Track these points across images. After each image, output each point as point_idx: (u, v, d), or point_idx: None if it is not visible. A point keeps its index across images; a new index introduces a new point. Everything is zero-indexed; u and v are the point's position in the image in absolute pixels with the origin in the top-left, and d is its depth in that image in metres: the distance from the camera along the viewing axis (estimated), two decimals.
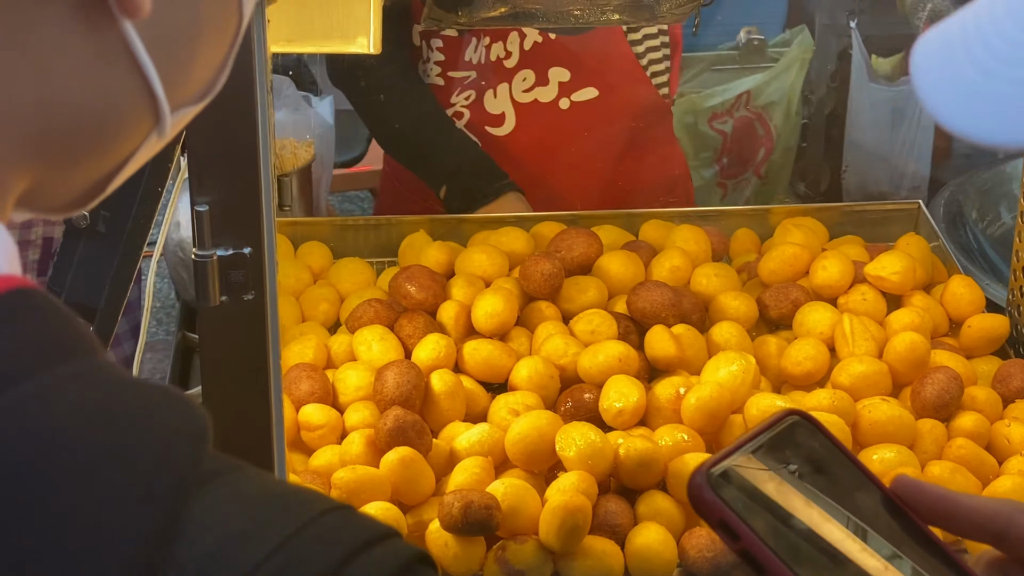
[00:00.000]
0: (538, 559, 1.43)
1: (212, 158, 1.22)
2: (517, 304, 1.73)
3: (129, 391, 0.59)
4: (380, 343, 1.68)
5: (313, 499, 0.62)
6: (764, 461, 0.74)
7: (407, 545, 0.63)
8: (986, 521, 0.75)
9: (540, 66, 2.12)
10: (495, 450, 1.54)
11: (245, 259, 1.24)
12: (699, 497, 0.72)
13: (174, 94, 0.63)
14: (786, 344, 1.72)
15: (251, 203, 1.24)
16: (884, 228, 2.01)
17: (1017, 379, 1.67)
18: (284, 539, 0.59)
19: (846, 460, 0.76)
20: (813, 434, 0.76)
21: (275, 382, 1.30)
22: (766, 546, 0.70)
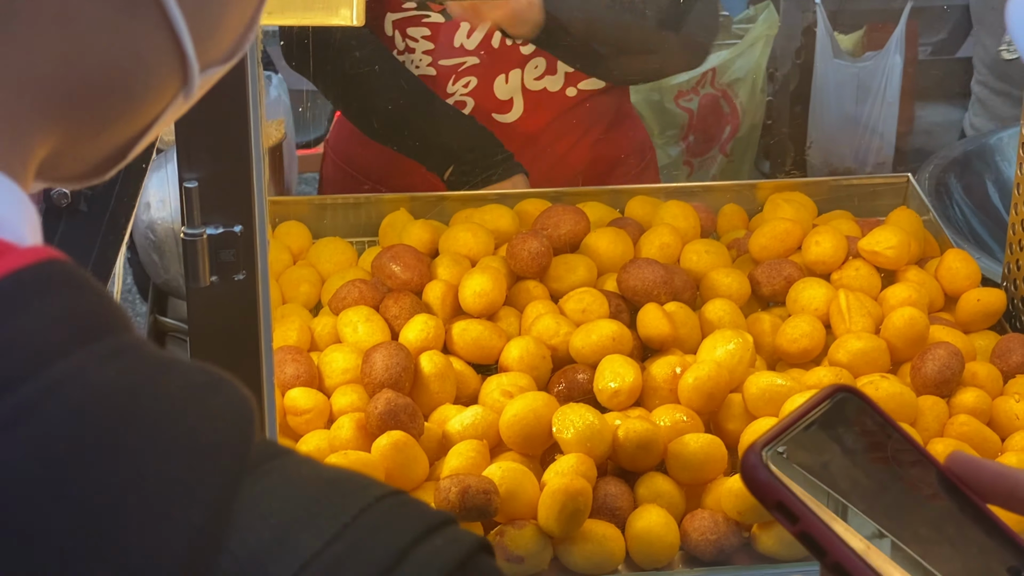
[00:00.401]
0: (537, 544, 1.39)
1: (201, 132, 1.18)
2: (505, 283, 1.69)
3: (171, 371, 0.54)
4: (366, 324, 1.63)
5: (367, 484, 0.58)
6: (816, 439, 0.71)
7: (467, 532, 0.59)
8: None
9: (550, 55, 2.07)
10: (489, 433, 1.50)
11: (236, 237, 1.20)
12: (754, 478, 0.69)
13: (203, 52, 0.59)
14: (780, 321, 1.69)
15: (242, 179, 1.19)
16: (871, 202, 1.98)
17: (1017, 354, 1.64)
18: (341, 527, 0.55)
19: (899, 436, 0.73)
20: (864, 410, 0.73)
21: (267, 365, 1.25)
22: (826, 527, 0.67)
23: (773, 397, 1.51)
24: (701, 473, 1.46)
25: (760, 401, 1.52)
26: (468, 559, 0.58)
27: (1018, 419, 1.55)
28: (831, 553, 0.67)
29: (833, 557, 0.67)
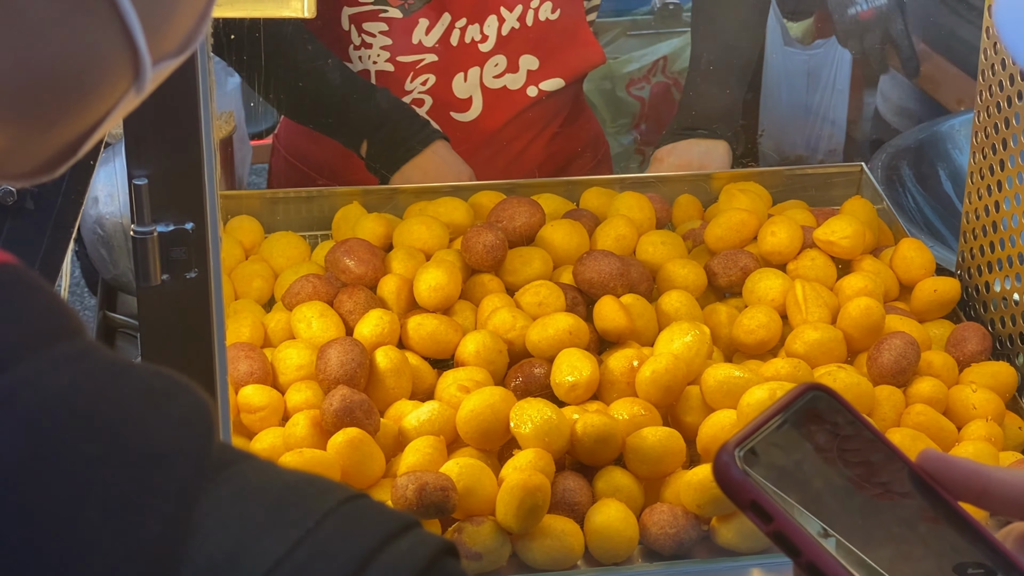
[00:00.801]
0: (496, 541, 1.38)
1: (150, 128, 1.15)
2: (460, 277, 1.67)
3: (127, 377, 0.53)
4: (320, 320, 1.61)
5: (329, 488, 0.57)
6: (788, 438, 0.70)
7: (431, 535, 0.59)
8: (1018, 495, 0.72)
9: (513, 52, 2.05)
10: (446, 429, 1.48)
11: (187, 235, 1.18)
12: (727, 477, 0.68)
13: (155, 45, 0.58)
14: (736, 312, 1.68)
15: (193, 176, 1.17)
16: (825, 192, 1.98)
17: (972, 342, 1.65)
18: (304, 532, 0.54)
19: (870, 435, 0.72)
20: (835, 408, 0.73)
21: (220, 364, 1.23)
22: (800, 527, 0.67)
23: (731, 389, 1.50)
24: (660, 466, 1.45)
25: (718, 393, 1.51)
26: (433, 562, 0.57)
27: (974, 408, 1.56)
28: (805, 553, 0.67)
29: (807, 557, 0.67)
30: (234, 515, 0.53)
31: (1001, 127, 1.68)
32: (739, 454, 0.68)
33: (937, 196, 2.10)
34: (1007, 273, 1.68)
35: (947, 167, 2.15)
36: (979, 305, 1.76)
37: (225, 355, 1.23)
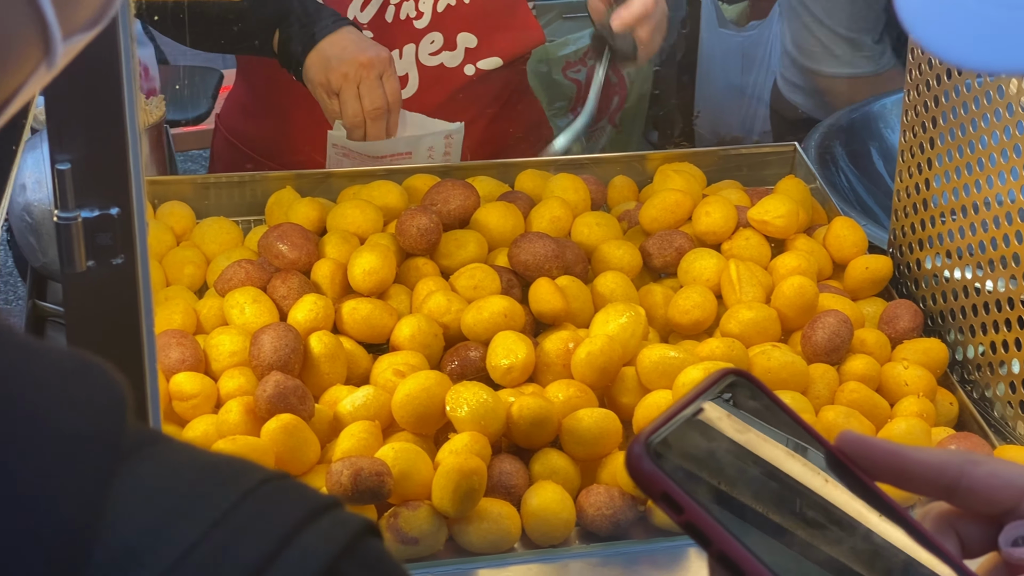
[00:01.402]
0: (432, 525, 1.37)
1: (72, 111, 1.14)
2: (395, 261, 1.66)
3: (38, 357, 0.52)
4: (253, 306, 1.60)
5: (248, 468, 0.56)
6: (704, 425, 0.69)
7: (353, 514, 0.58)
8: (936, 474, 0.72)
9: (449, 30, 2.04)
10: (381, 413, 1.47)
11: (113, 220, 1.16)
12: (638, 469, 0.67)
13: (65, 19, 0.56)
14: (672, 293, 1.68)
15: (117, 160, 1.15)
16: (759, 171, 1.99)
17: (904, 320, 1.66)
18: (222, 514, 0.53)
19: (788, 418, 0.72)
20: (753, 393, 0.72)
21: (149, 351, 1.21)
22: (712, 518, 0.66)
23: (666, 370, 1.50)
24: (596, 448, 1.45)
25: (653, 374, 1.51)
26: (355, 542, 0.57)
27: (906, 385, 1.57)
28: (716, 543, 0.66)
29: (718, 547, 0.66)
30: (148, 497, 0.53)
31: (931, 105, 1.69)
32: (651, 444, 0.67)
33: (869, 175, 2.12)
34: (938, 250, 1.70)
35: (879, 146, 2.16)
36: (911, 282, 1.77)
37: (154, 342, 1.21)
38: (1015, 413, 1.55)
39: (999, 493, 0.71)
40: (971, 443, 1.49)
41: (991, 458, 0.72)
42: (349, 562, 0.56)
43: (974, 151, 1.60)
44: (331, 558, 0.55)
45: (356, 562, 0.56)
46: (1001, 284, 1.56)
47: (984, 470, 0.71)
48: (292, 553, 0.54)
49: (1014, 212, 1.53)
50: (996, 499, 0.71)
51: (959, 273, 1.65)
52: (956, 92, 1.63)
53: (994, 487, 0.71)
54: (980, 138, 1.59)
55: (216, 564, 0.52)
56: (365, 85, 1.85)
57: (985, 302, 1.60)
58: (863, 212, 1.98)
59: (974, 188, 1.61)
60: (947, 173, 1.66)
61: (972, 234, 1.62)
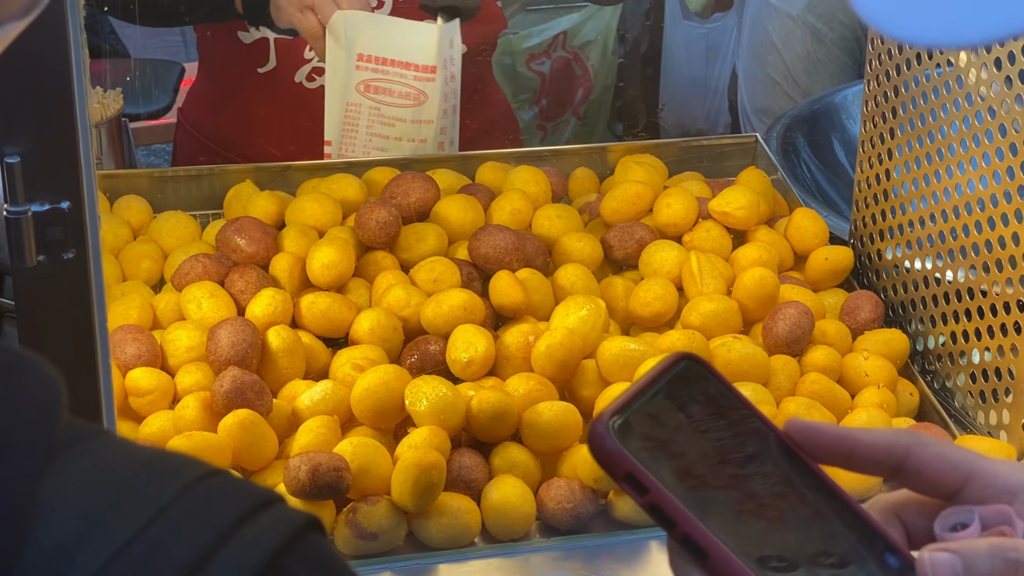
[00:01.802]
0: (391, 520, 1.36)
1: (22, 103, 1.12)
2: (354, 254, 1.65)
3: None
4: (210, 300, 1.58)
5: (187, 464, 0.55)
6: (662, 408, 0.70)
7: (294, 510, 0.57)
8: (883, 455, 0.72)
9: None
10: (340, 408, 1.46)
11: (64, 214, 1.14)
12: (602, 448, 0.67)
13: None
14: (633, 285, 1.68)
15: (68, 153, 1.13)
16: (720, 163, 1.99)
17: (865, 311, 1.66)
18: (158, 510, 0.52)
19: (739, 403, 0.72)
20: (706, 378, 0.72)
21: (102, 346, 1.20)
22: (675, 498, 0.66)
23: (627, 362, 1.50)
24: (556, 441, 1.44)
25: (614, 366, 1.50)
26: (297, 537, 0.56)
27: (867, 376, 1.57)
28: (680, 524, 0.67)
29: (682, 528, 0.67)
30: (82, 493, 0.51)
31: (891, 95, 1.68)
32: (614, 425, 0.67)
33: (831, 166, 2.12)
34: (898, 241, 1.70)
35: (841, 137, 2.16)
36: (872, 273, 1.77)
37: (107, 337, 1.19)
38: (975, 403, 1.55)
39: (945, 476, 0.71)
40: (931, 433, 1.49)
41: (939, 440, 0.72)
42: (290, 558, 0.55)
43: (934, 141, 1.60)
44: (271, 554, 0.54)
45: (297, 558, 0.56)
46: (961, 274, 1.56)
47: (931, 452, 0.71)
48: (230, 550, 0.53)
49: (973, 202, 1.53)
50: (941, 481, 0.71)
51: (920, 263, 1.65)
52: (916, 82, 1.63)
53: (940, 469, 0.71)
54: (940, 128, 1.58)
55: (151, 562, 0.51)
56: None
57: (946, 292, 1.60)
58: (825, 203, 1.98)
59: (934, 178, 1.61)
60: (907, 163, 1.66)
61: (932, 224, 1.62)
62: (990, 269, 1.50)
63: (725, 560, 0.66)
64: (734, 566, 0.66)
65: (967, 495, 0.71)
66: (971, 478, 0.70)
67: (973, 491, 0.70)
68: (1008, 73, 1.43)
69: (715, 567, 0.66)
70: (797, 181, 1.98)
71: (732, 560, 0.66)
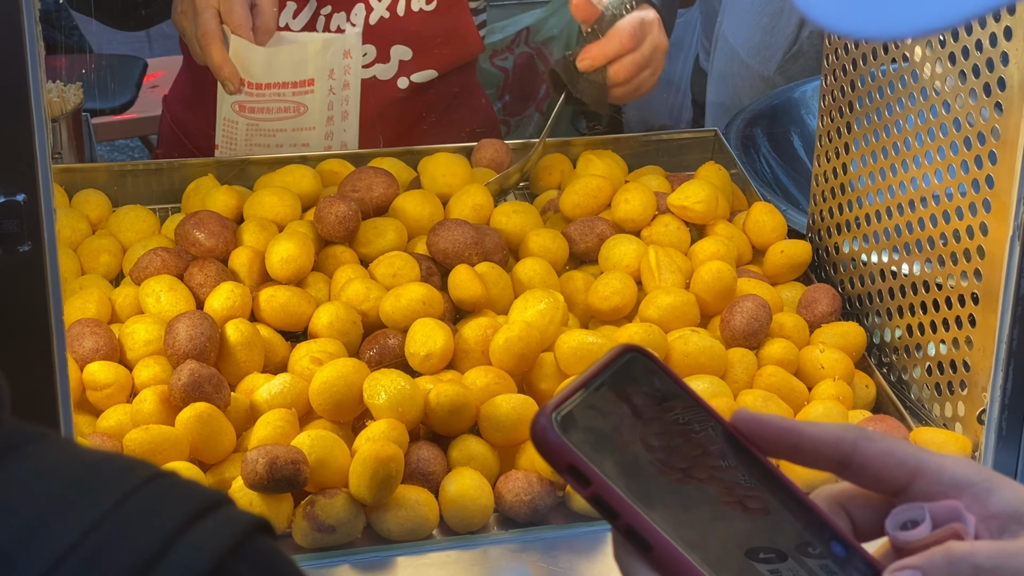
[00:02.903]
0: (349, 513, 1.36)
1: None
2: (313, 248, 1.65)
3: None
4: (169, 294, 1.58)
5: (132, 467, 0.55)
6: (606, 400, 0.70)
7: (242, 512, 0.57)
8: (830, 449, 0.72)
9: (383, 43, 2.01)
10: (298, 401, 1.46)
11: (19, 207, 1.14)
12: (545, 440, 0.67)
13: None
14: (592, 279, 1.68)
15: (24, 145, 1.13)
16: (680, 157, 2.00)
17: (822, 304, 1.67)
18: (102, 514, 0.52)
19: (685, 395, 0.73)
20: (652, 370, 0.72)
21: (58, 340, 1.19)
22: (618, 490, 0.66)
23: (585, 355, 1.50)
24: (514, 434, 1.45)
25: (572, 359, 1.51)
26: (244, 540, 0.56)
27: (823, 368, 1.58)
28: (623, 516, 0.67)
29: (625, 520, 0.67)
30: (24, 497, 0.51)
31: (847, 90, 1.70)
32: (557, 417, 0.67)
33: (791, 161, 2.13)
34: (855, 235, 1.71)
35: (800, 132, 2.17)
36: (829, 267, 1.78)
37: (63, 331, 1.19)
38: (931, 395, 1.57)
39: (891, 471, 0.71)
40: (887, 425, 1.50)
41: (886, 435, 0.72)
42: (237, 561, 0.55)
43: (890, 135, 1.61)
44: (218, 558, 0.54)
45: (244, 561, 0.55)
46: (917, 267, 1.58)
47: (877, 447, 0.71)
48: (176, 555, 0.53)
49: (929, 196, 1.54)
50: (888, 477, 0.71)
51: (877, 257, 1.67)
52: (872, 77, 1.64)
53: (887, 465, 0.71)
54: (896, 122, 1.60)
55: (95, 567, 0.51)
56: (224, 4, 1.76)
57: (902, 285, 1.61)
58: (784, 198, 1.99)
59: (890, 172, 1.62)
60: (864, 157, 1.67)
61: (889, 218, 1.63)
62: (945, 262, 1.51)
63: (668, 552, 0.66)
64: (677, 558, 0.66)
65: (915, 490, 0.71)
66: (918, 473, 0.71)
67: (921, 486, 0.71)
68: (962, 67, 1.45)
69: (659, 559, 0.66)
70: (756, 175, 1.99)
71: (675, 551, 0.66)
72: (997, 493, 0.70)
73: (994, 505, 0.69)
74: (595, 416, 0.68)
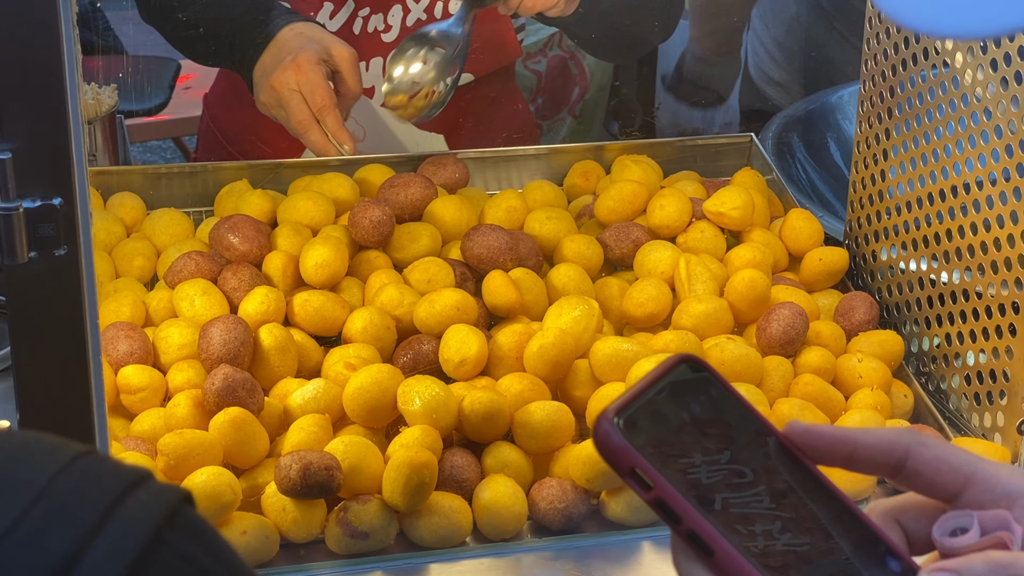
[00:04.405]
0: (382, 519, 1.36)
1: (14, 98, 1.11)
2: (347, 253, 1.64)
3: None
4: (203, 298, 1.58)
5: (59, 445, 0.58)
6: (664, 407, 0.71)
7: (168, 485, 0.59)
8: (884, 455, 0.72)
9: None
10: (332, 407, 1.46)
11: (55, 210, 1.14)
12: (608, 444, 0.68)
13: None
14: (627, 285, 1.67)
15: (60, 148, 1.13)
16: (715, 163, 1.98)
17: (859, 312, 1.65)
18: (38, 492, 0.54)
19: (741, 405, 0.73)
20: (707, 379, 0.73)
21: (93, 343, 1.19)
22: (681, 495, 0.67)
23: (620, 362, 1.49)
24: (548, 441, 1.44)
25: (607, 367, 1.50)
26: (175, 511, 0.58)
27: (861, 377, 1.56)
28: (685, 520, 0.68)
29: (687, 524, 0.68)
30: None
31: (887, 96, 1.68)
32: (619, 421, 0.68)
33: (826, 166, 2.11)
34: (893, 242, 1.69)
35: (836, 137, 2.16)
36: (867, 274, 1.76)
37: (98, 334, 1.19)
38: (970, 405, 1.55)
39: (944, 477, 0.70)
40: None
41: (940, 441, 0.72)
42: (171, 530, 0.57)
43: (929, 142, 1.60)
44: (154, 528, 0.56)
45: (178, 531, 0.58)
46: (956, 276, 1.56)
47: (932, 453, 0.71)
48: (114, 526, 0.55)
49: (969, 203, 1.52)
50: (941, 483, 0.71)
51: (915, 265, 1.65)
52: (911, 82, 1.63)
53: (940, 471, 0.71)
54: (935, 128, 1.58)
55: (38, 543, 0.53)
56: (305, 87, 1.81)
57: (941, 294, 1.60)
58: (820, 204, 1.98)
59: (929, 179, 1.60)
60: (902, 164, 1.66)
61: (928, 225, 1.61)
62: (985, 271, 1.50)
63: (730, 557, 0.67)
64: (739, 563, 0.66)
65: (966, 498, 0.70)
66: (971, 481, 0.70)
67: (973, 494, 0.70)
68: (1004, 74, 1.43)
69: (720, 563, 0.67)
70: (792, 181, 1.98)
71: (737, 557, 0.66)
72: None
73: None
74: (654, 422, 0.69)
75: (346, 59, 1.84)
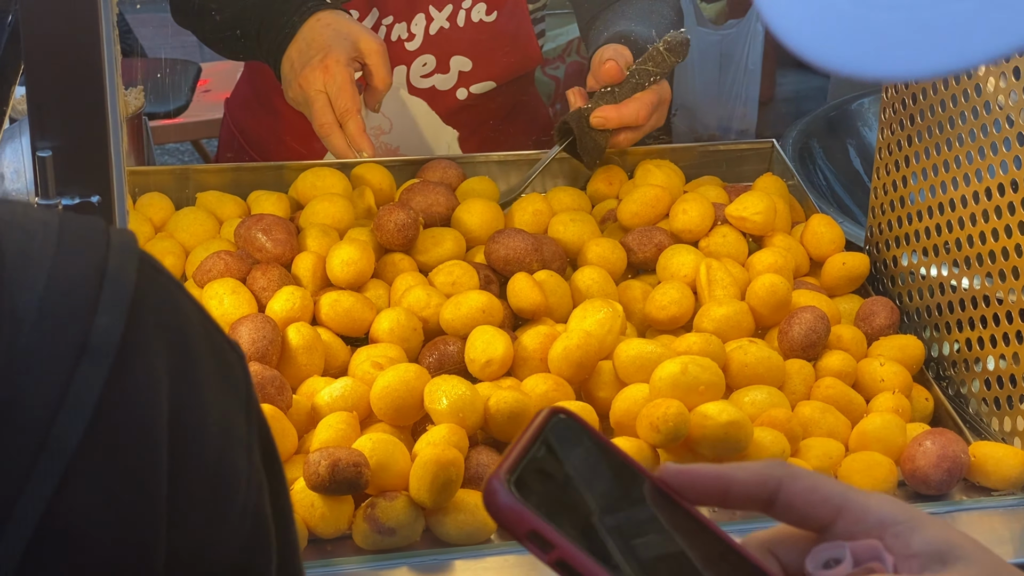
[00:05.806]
0: (409, 516, 1.37)
1: (54, 98, 1.13)
2: (373, 254, 1.66)
3: None
4: (232, 297, 1.60)
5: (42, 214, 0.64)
6: (547, 464, 0.69)
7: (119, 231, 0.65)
8: (757, 489, 0.73)
9: (442, 53, 2.03)
10: (359, 405, 1.47)
11: (94, 208, 1.16)
12: (502, 507, 0.66)
13: None
14: (650, 289, 1.69)
15: (99, 147, 1.15)
16: (736, 168, 2.00)
17: (880, 316, 1.67)
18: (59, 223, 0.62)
19: (614, 453, 0.72)
20: (580, 431, 0.72)
21: None
22: (581, 551, 0.66)
23: (643, 364, 1.51)
24: None
25: (631, 368, 1.52)
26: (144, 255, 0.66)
27: (882, 381, 1.58)
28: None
29: None
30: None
31: (908, 102, 1.70)
32: (511, 482, 0.66)
33: (847, 172, 2.13)
34: (914, 247, 1.71)
35: (856, 143, 2.17)
36: (887, 279, 1.78)
37: None
38: (990, 409, 1.56)
39: (816, 509, 0.71)
40: (946, 439, 1.50)
41: (811, 473, 0.73)
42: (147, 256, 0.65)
43: (951, 148, 1.61)
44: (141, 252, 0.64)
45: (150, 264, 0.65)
46: (976, 281, 1.57)
47: (803, 485, 0.72)
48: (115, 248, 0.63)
49: (990, 209, 1.54)
50: (813, 515, 0.72)
51: (935, 270, 1.67)
52: (934, 90, 1.64)
53: (811, 502, 0.71)
54: (957, 136, 1.60)
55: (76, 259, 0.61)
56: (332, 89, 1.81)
57: (961, 299, 1.61)
58: (840, 209, 2.00)
59: (951, 185, 1.62)
60: (924, 171, 1.67)
61: (948, 231, 1.63)
62: (1006, 276, 1.51)
63: None
64: None
65: (839, 528, 0.71)
66: (842, 512, 0.71)
67: (845, 524, 0.71)
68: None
69: None
70: (813, 187, 1.99)
71: None
72: (919, 532, 0.70)
73: (916, 544, 0.70)
74: (542, 480, 0.67)
75: (375, 52, 1.84)
